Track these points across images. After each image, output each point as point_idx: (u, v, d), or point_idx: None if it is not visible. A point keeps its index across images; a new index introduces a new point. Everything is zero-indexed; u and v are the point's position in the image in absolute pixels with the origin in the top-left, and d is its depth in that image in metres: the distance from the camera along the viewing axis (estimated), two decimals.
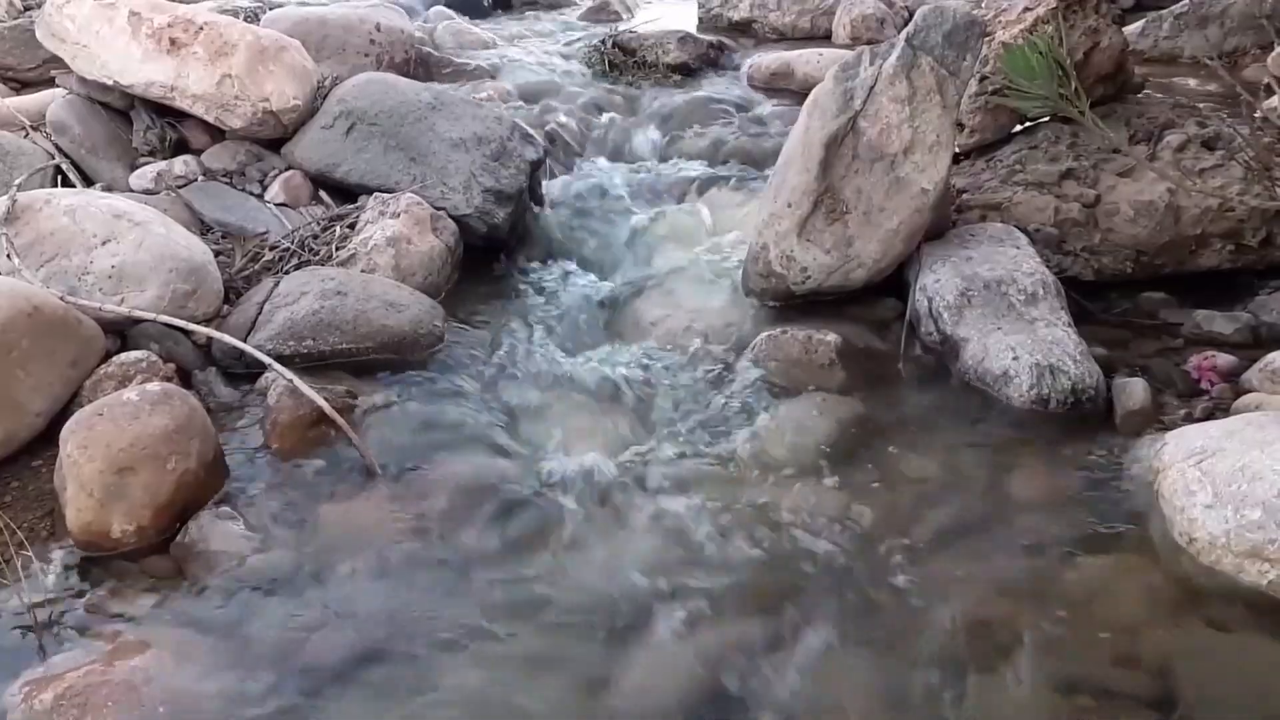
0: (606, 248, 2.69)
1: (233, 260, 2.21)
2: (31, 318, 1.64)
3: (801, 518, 1.57)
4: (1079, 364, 1.79)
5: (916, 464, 1.70)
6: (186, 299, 1.93)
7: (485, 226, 2.47)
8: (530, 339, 2.17)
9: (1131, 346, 2.07)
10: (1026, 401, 1.78)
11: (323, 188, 2.52)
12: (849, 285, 2.15)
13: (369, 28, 3.42)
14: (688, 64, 3.80)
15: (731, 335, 2.16)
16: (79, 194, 2.03)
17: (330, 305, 1.93)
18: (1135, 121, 2.42)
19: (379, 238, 2.20)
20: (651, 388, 1.97)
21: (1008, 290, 1.95)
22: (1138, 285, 2.27)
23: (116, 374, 1.77)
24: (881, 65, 2.09)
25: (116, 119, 2.64)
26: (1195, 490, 1.41)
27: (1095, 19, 2.44)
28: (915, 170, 2.08)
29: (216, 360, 1.91)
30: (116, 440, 1.43)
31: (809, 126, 2.13)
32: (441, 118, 2.57)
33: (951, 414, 1.84)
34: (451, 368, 2.01)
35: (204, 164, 2.56)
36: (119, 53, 2.47)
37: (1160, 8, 4.33)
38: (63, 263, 1.86)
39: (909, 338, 2.06)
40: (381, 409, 1.82)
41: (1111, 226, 2.28)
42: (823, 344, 1.99)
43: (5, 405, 1.59)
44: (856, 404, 1.86)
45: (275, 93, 2.46)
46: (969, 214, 2.37)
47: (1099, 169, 2.34)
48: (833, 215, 2.12)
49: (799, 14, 4.27)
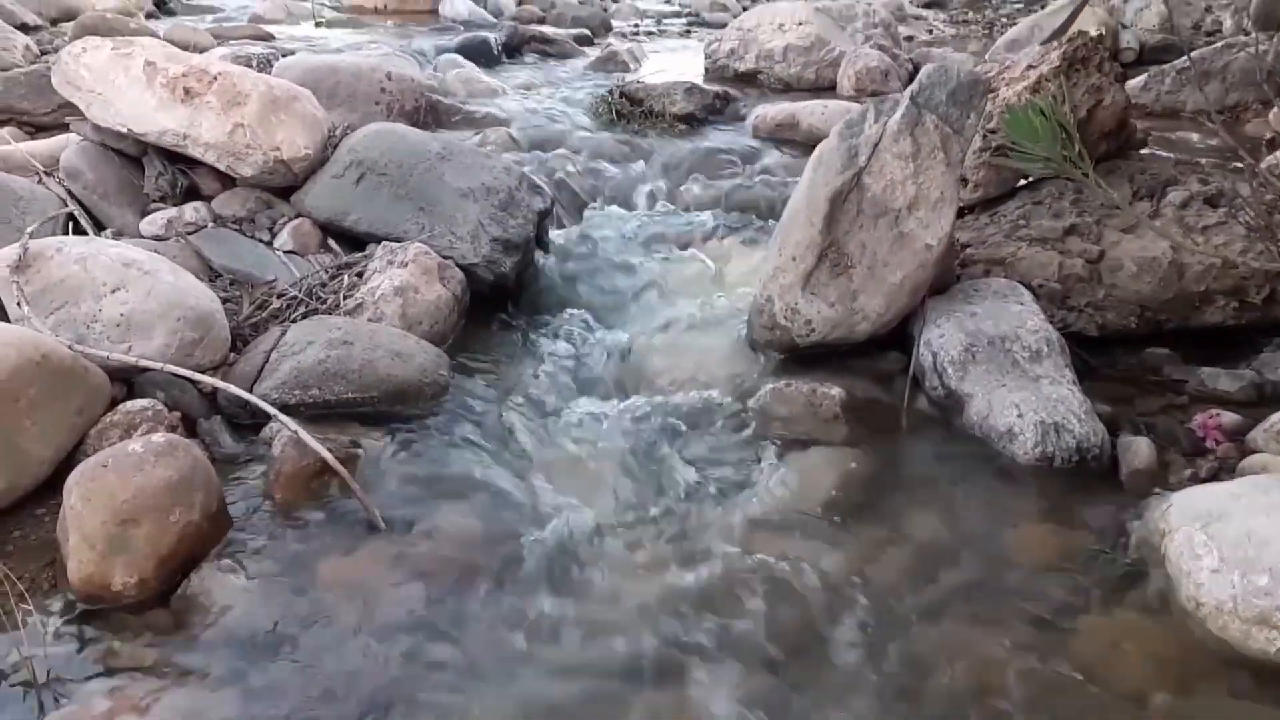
0: (612, 297, 2.70)
1: (240, 308, 2.22)
2: (40, 366, 1.64)
3: (806, 575, 1.56)
4: (1083, 422, 1.79)
5: (922, 521, 1.69)
6: (193, 347, 1.94)
7: (492, 275, 2.48)
8: (535, 389, 2.17)
9: (1136, 403, 2.07)
10: (1031, 459, 1.78)
11: (332, 236, 2.54)
12: (853, 338, 2.15)
13: (380, 76, 3.47)
14: (694, 114, 3.85)
15: (736, 386, 2.16)
16: (89, 242, 2.04)
17: (336, 355, 1.94)
18: (1138, 178, 2.44)
19: (386, 287, 2.22)
20: (656, 440, 1.97)
21: (1012, 347, 1.96)
22: (1142, 341, 2.28)
23: (122, 422, 1.77)
24: (886, 122, 2.12)
25: (129, 165, 2.67)
26: (1201, 554, 1.40)
27: (1098, 77, 2.47)
28: (919, 226, 2.09)
29: (222, 408, 1.92)
30: (120, 492, 1.43)
31: (814, 181, 2.15)
32: (450, 168, 2.60)
33: (956, 470, 1.83)
34: (456, 418, 2.01)
35: (214, 210, 2.58)
36: (134, 101, 2.50)
37: (1162, 62, 4.40)
38: (72, 310, 1.88)
39: (913, 392, 2.06)
40: (386, 460, 1.82)
41: (1115, 282, 2.28)
42: (827, 397, 1.99)
43: (10, 453, 1.59)
44: (861, 458, 1.86)
45: (286, 142, 2.49)
46: (973, 268, 2.39)
47: (1102, 225, 2.36)
48: (837, 269, 2.14)
49: (804, 66, 4.33)
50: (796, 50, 4.32)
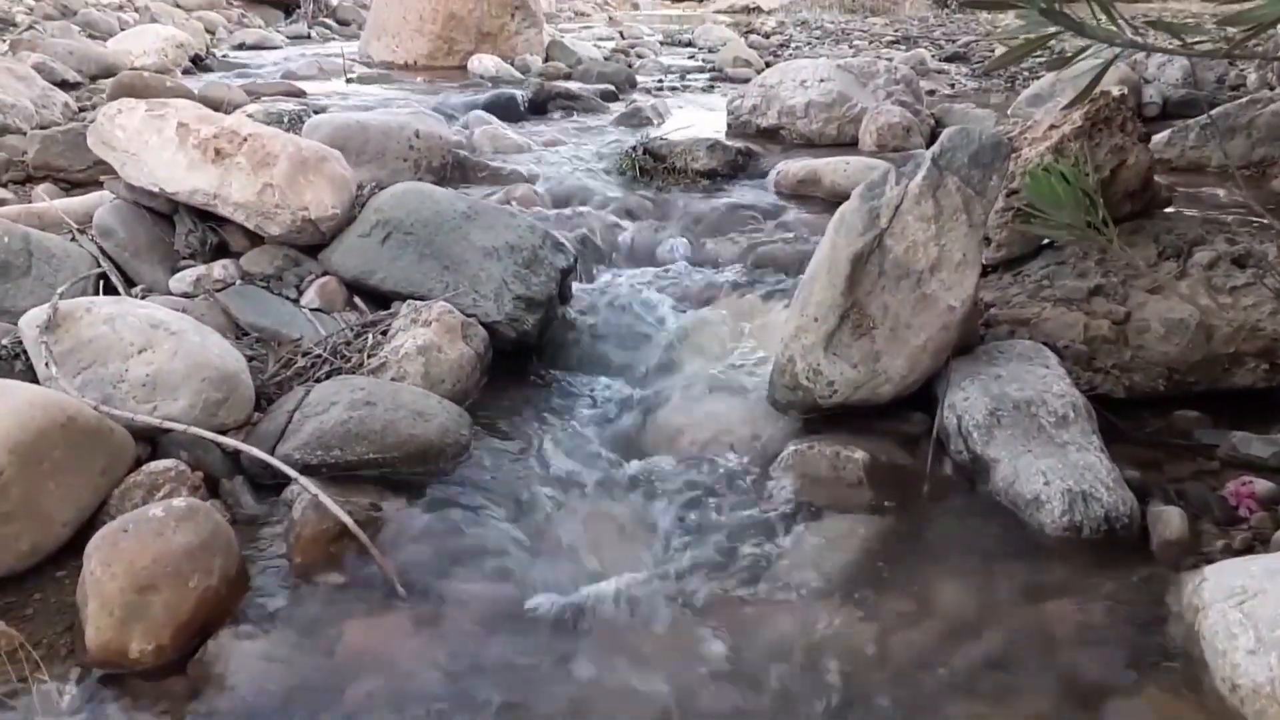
0: (634, 353, 2.70)
1: (266, 366, 2.24)
2: (65, 428, 1.66)
3: (830, 647, 1.54)
4: (1112, 491, 1.76)
5: (948, 592, 1.66)
6: (218, 407, 1.95)
7: (515, 333, 2.49)
8: (555, 449, 2.17)
9: (1166, 468, 2.03)
10: (1059, 528, 1.75)
11: (358, 293, 2.57)
12: (876, 400, 2.14)
13: (408, 134, 3.53)
14: (716, 170, 3.87)
15: (758, 448, 2.15)
16: (118, 302, 2.07)
17: (359, 415, 1.94)
18: (1164, 238, 2.42)
19: (410, 346, 2.23)
20: (678, 503, 1.95)
21: (1037, 412, 1.93)
22: (1171, 403, 2.24)
23: (145, 483, 1.78)
24: (907, 185, 2.12)
25: (160, 223, 2.71)
26: (1237, 634, 1.36)
27: (1121, 137, 2.47)
28: (942, 288, 2.08)
29: (244, 468, 1.92)
30: (140, 558, 1.43)
31: (835, 243, 2.15)
32: (476, 227, 2.62)
33: (982, 538, 1.80)
34: (477, 479, 2.00)
35: (242, 268, 2.62)
36: (166, 161, 2.55)
37: (1186, 116, 4.39)
38: (99, 370, 1.90)
39: (937, 455, 2.04)
40: (406, 522, 1.81)
41: (1142, 344, 2.26)
42: (850, 461, 1.97)
43: (33, 516, 1.60)
44: (885, 525, 1.84)
45: (314, 202, 2.53)
46: (997, 328, 2.37)
47: (1128, 285, 2.34)
48: (859, 330, 2.13)
49: (826, 121, 4.35)
50: (818, 106, 4.35)
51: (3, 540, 1.57)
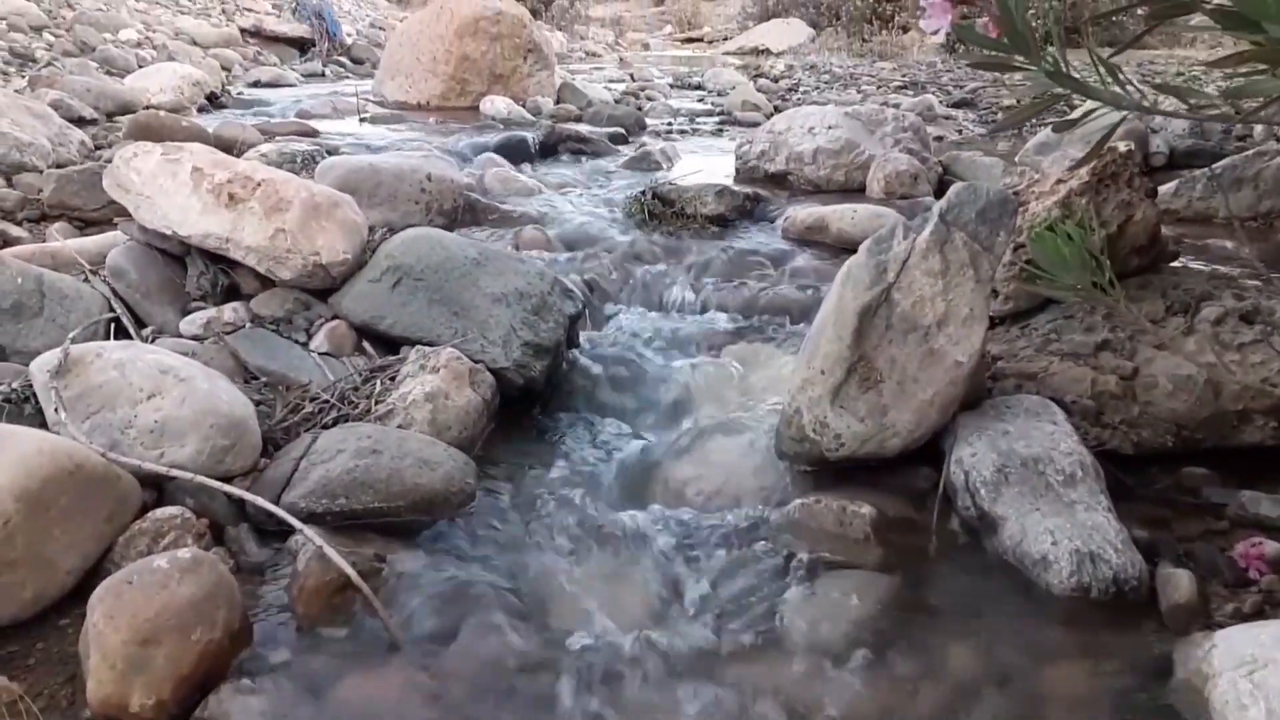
0: (640, 401, 2.70)
1: (273, 411, 2.24)
2: (72, 475, 1.66)
3: (834, 707, 1.52)
4: (1120, 553, 1.74)
5: (955, 653, 1.65)
6: (225, 454, 1.96)
7: (522, 380, 2.50)
8: (560, 498, 2.16)
9: (1174, 527, 2.02)
10: (1067, 589, 1.74)
11: (366, 338, 2.58)
12: (883, 454, 2.13)
13: (420, 177, 3.56)
14: (724, 215, 3.90)
15: (765, 500, 2.14)
16: (128, 347, 2.08)
17: (365, 464, 1.94)
18: (1171, 293, 2.43)
19: (418, 393, 2.23)
20: (682, 556, 1.94)
21: (1045, 469, 1.93)
22: (1179, 460, 2.23)
23: (150, 530, 1.78)
24: (915, 239, 2.13)
25: (172, 264, 2.74)
26: (1248, 704, 1.35)
27: (1129, 192, 2.48)
28: (949, 343, 2.09)
29: (249, 515, 1.92)
30: (143, 610, 1.43)
31: (842, 295, 2.16)
32: (485, 273, 2.64)
33: (990, 597, 1.79)
34: (482, 528, 2.00)
35: (253, 310, 2.63)
36: (179, 205, 2.58)
37: (1194, 166, 4.41)
38: (108, 415, 1.91)
39: (944, 511, 2.03)
40: (410, 573, 1.80)
41: (1150, 399, 2.25)
42: (857, 516, 1.97)
43: (37, 564, 1.60)
44: (892, 583, 1.82)
45: (326, 247, 2.55)
46: (1004, 382, 2.37)
47: (1135, 340, 2.34)
48: (866, 384, 2.13)
49: (833, 168, 4.38)
50: (826, 153, 4.38)
51: (7, 588, 1.57)
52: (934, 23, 1.26)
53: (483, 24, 6.93)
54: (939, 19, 1.25)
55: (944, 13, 1.24)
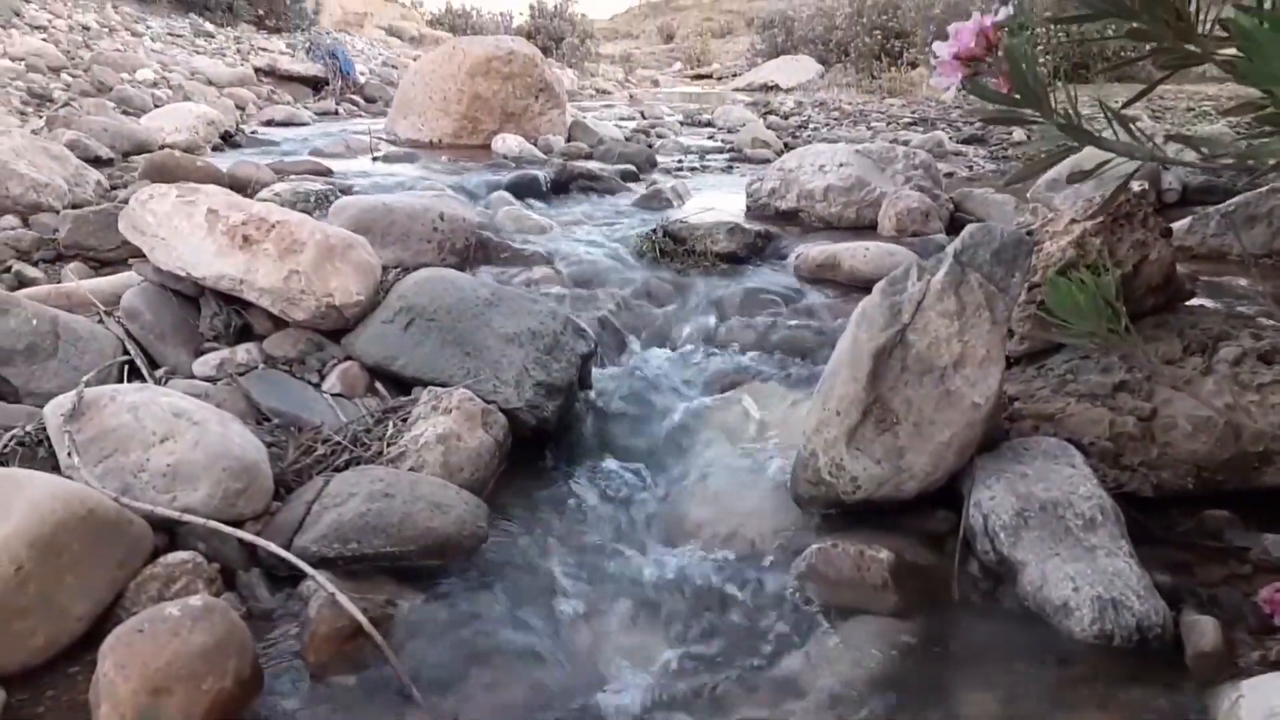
0: (653, 440, 2.69)
1: (286, 453, 2.24)
2: (85, 521, 1.66)
3: None
4: (1143, 600, 1.72)
5: (976, 702, 1.62)
6: (237, 497, 1.95)
7: (535, 420, 2.49)
8: (573, 541, 2.15)
9: (1197, 572, 1.99)
10: (1089, 636, 1.71)
11: (379, 379, 2.58)
12: (900, 497, 2.11)
13: (433, 216, 3.57)
14: (736, 253, 3.90)
15: (780, 543, 2.12)
16: (142, 390, 2.08)
17: (377, 508, 1.93)
18: (1188, 333, 2.41)
19: (430, 435, 2.23)
20: (697, 601, 1.92)
21: (1064, 514, 1.90)
22: (1200, 502, 2.20)
23: (162, 575, 1.77)
24: (930, 280, 2.12)
25: (185, 305, 2.75)
26: None
27: (1143, 232, 2.47)
28: (966, 384, 2.07)
29: (261, 560, 1.91)
30: (154, 660, 1.41)
31: (857, 337, 2.15)
32: (498, 313, 2.64)
33: (1010, 645, 1.76)
34: (493, 573, 1.98)
35: (266, 351, 2.64)
36: (194, 246, 2.59)
37: (1207, 203, 4.40)
38: (120, 459, 1.90)
39: (963, 555, 2.00)
40: (421, 619, 1.79)
41: (1169, 441, 2.23)
42: (875, 561, 1.94)
43: (49, 611, 1.59)
44: (911, 629, 1.80)
45: (339, 288, 2.55)
46: (1021, 423, 2.35)
47: (1153, 381, 2.32)
48: (882, 425, 2.11)
49: (845, 205, 4.39)
50: (837, 190, 4.39)
51: (18, 635, 1.56)
52: (945, 80, 1.27)
53: (495, 64, 7.00)
54: (949, 77, 1.25)
55: (954, 71, 1.24)
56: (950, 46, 1.24)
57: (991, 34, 1.25)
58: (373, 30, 20.26)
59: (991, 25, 1.23)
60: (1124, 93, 1.64)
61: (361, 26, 20.12)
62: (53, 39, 9.32)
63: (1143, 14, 1.18)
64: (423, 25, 23.21)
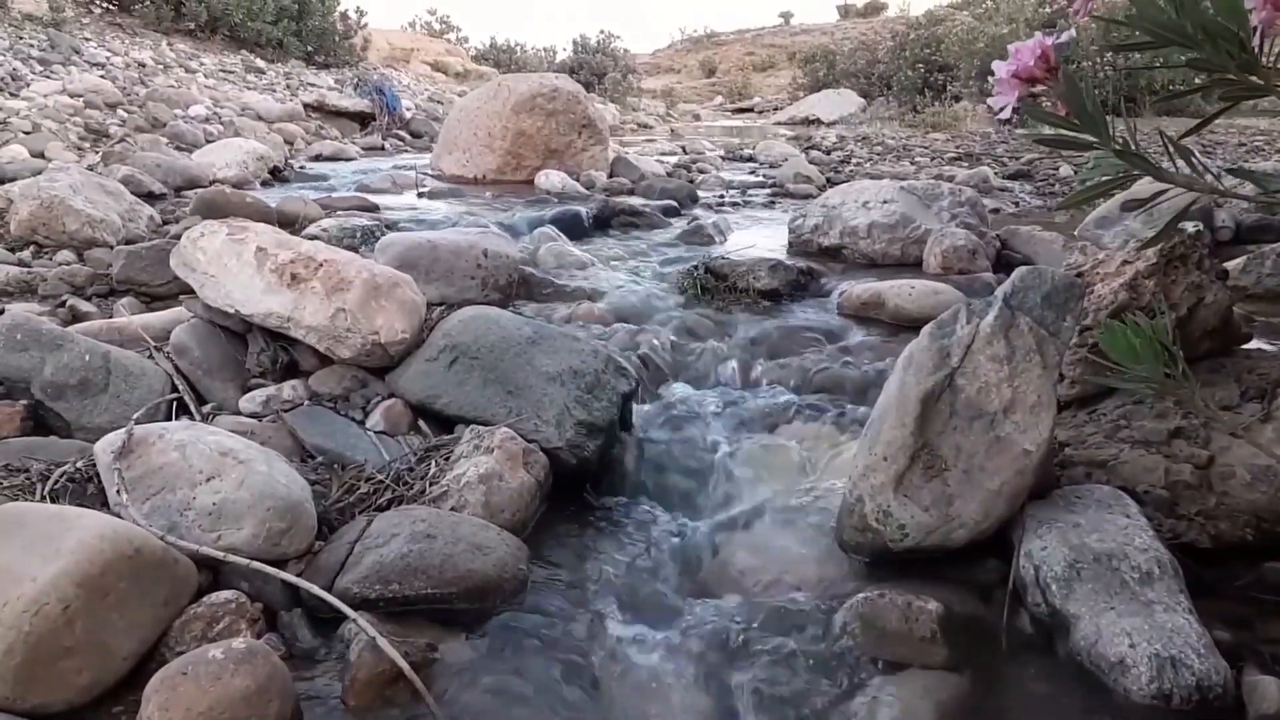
0: (695, 482, 2.66)
1: (329, 491, 2.24)
2: (132, 560, 1.67)
3: None
4: (1203, 658, 1.66)
5: None
6: (280, 536, 1.95)
7: (575, 459, 2.48)
8: (614, 586, 2.12)
9: (1258, 628, 1.92)
10: (1146, 695, 1.65)
11: (422, 416, 2.59)
12: (949, 545, 2.06)
13: (477, 253, 3.61)
14: (778, 290, 3.88)
15: (825, 592, 2.08)
16: (190, 428, 2.11)
17: (419, 549, 1.93)
18: (1246, 378, 2.34)
19: (472, 474, 2.22)
20: (740, 651, 1.89)
21: (1120, 566, 1.85)
22: (1260, 554, 2.13)
23: (206, 614, 1.77)
24: (979, 324, 2.09)
25: (233, 341, 2.79)
26: None
27: (1198, 274, 2.42)
28: (1016, 430, 2.03)
29: (303, 600, 1.91)
30: (197, 703, 1.41)
31: (904, 381, 2.12)
32: (540, 351, 2.64)
33: (1064, 703, 1.70)
34: (534, 618, 1.96)
35: (311, 387, 2.66)
36: (243, 284, 2.63)
37: (1261, 241, 4.31)
38: (167, 497, 1.92)
39: (1014, 607, 1.95)
40: (462, 664, 1.77)
41: (1227, 490, 2.16)
42: (923, 613, 1.89)
43: (95, 650, 1.60)
44: (961, 685, 1.75)
45: (385, 327, 2.57)
46: (1073, 470, 2.30)
47: (1209, 427, 2.26)
48: (931, 471, 2.07)
49: (889, 242, 4.36)
50: (881, 227, 4.36)
51: (64, 674, 1.57)
52: (1002, 99, 1.25)
53: (539, 100, 7.09)
54: (1007, 95, 1.23)
55: (1012, 89, 1.23)
56: (1009, 65, 1.22)
57: (1052, 55, 1.23)
58: (418, 66, 20.64)
59: (1053, 46, 1.22)
60: (1173, 127, 1.60)
61: (407, 62, 20.51)
62: (110, 75, 9.60)
63: (1206, 44, 1.16)
64: (467, 61, 23.60)
